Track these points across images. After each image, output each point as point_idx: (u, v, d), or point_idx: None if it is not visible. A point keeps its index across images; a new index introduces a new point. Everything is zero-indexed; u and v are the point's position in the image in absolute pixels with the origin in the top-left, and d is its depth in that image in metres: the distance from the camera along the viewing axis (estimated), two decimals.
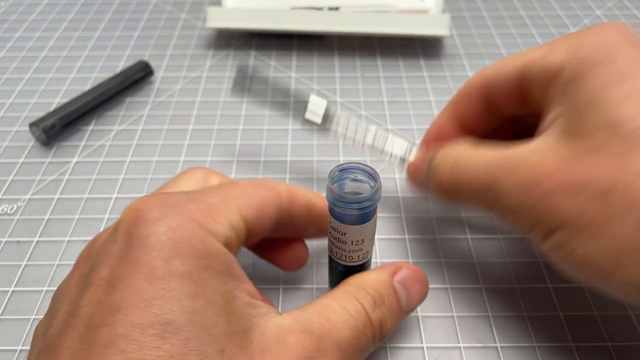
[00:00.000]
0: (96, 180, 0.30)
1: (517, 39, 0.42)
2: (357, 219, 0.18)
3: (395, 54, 0.40)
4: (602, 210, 0.15)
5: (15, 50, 0.41)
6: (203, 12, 0.46)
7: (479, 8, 0.46)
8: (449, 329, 0.23)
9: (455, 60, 0.39)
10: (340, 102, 0.35)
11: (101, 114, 0.35)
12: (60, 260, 0.26)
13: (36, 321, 0.23)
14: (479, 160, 0.19)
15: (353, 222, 0.18)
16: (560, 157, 0.17)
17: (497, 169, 0.18)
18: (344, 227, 0.19)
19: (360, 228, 0.18)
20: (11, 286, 0.25)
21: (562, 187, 0.16)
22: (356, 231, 0.19)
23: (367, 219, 0.18)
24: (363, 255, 0.20)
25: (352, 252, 0.20)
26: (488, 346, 0.22)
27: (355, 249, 0.19)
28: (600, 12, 0.44)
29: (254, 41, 0.42)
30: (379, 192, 0.18)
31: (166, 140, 0.33)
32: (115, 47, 0.41)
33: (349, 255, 0.20)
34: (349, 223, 0.18)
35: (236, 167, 0.31)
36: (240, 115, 0.34)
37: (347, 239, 0.19)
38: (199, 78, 0.38)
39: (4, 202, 0.29)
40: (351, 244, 0.19)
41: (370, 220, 0.19)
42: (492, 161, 0.19)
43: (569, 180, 0.16)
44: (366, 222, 0.18)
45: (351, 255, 0.20)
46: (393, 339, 0.22)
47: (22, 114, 0.35)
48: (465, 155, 0.20)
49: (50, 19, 0.45)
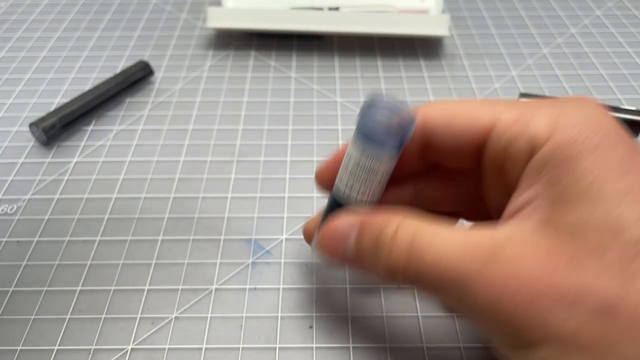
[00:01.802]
0: (96, 180, 0.30)
1: (517, 39, 0.42)
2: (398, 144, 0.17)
3: (395, 54, 0.40)
4: (604, 330, 0.13)
5: (15, 51, 0.41)
6: (203, 12, 0.46)
7: (479, 8, 0.46)
8: (449, 329, 0.23)
9: (455, 60, 0.39)
10: (340, 102, 0.35)
11: (101, 114, 0.35)
12: (60, 260, 0.26)
13: (36, 321, 0.23)
14: (442, 243, 0.15)
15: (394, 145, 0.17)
16: (546, 256, 0.14)
17: (464, 258, 0.15)
18: (379, 155, 0.17)
19: (389, 157, 0.18)
20: (11, 286, 0.25)
21: (552, 295, 0.13)
22: (385, 160, 0.17)
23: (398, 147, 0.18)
24: (372, 194, 0.19)
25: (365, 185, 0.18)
26: (488, 346, 0.22)
27: (378, 188, 0.18)
28: (600, 12, 0.44)
29: (254, 41, 0.42)
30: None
31: (166, 140, 0.33)
32: (115, 47, 0.41)
33: (361, 190, 0.18)
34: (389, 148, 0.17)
35: (236, 167, 0.31)
36: (240, 115, 0.34)
37: (382, 167, 0.18)
38: (199, 78, 0.38)
39: (4, 202, 0.29)
40: (369, 172, 0.18)
41: (399, 152, 0.18)
42: (458, 248, 0.15)
43: (560, 287, 0.13)
44: (397, 150, 0.18)
45: (363, 191, 0.18)
46: (393, 339, 0.22)
47: (22, 114, 0.35)
48: (425, 234, 0.16)
49: (50, 19, 0.45)
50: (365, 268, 0.18)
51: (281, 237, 0.27)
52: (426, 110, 0.18)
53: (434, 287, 0.16)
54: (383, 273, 0.17)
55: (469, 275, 0.15)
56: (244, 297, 0.24)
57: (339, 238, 0.18)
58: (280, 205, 0.28)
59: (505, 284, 0.14)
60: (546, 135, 0.15)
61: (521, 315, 0.14)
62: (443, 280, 0.15)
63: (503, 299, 0.14)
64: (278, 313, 0.23)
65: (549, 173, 0.15)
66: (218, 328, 0.23)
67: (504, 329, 0.14)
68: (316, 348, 0.22)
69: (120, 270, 0.25)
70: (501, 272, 0.14)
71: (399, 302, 0.24)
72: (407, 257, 0.16)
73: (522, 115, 0.16)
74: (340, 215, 0.19)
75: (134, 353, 0.22)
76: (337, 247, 0.18)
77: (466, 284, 0.15)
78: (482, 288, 0.14)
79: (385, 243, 0.17)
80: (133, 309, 0.24)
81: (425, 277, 0.16)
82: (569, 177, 0.14)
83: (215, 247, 0.26)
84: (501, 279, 0.14)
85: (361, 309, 0.23)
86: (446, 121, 0.18)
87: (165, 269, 0.25)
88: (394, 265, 0.16)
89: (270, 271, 0.25)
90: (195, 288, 0.24)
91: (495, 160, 0.17)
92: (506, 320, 0.14)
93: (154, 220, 0.28)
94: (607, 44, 0.41)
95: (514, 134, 0.16)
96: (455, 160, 0.18)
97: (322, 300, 0.24)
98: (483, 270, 0.14)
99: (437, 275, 0.15)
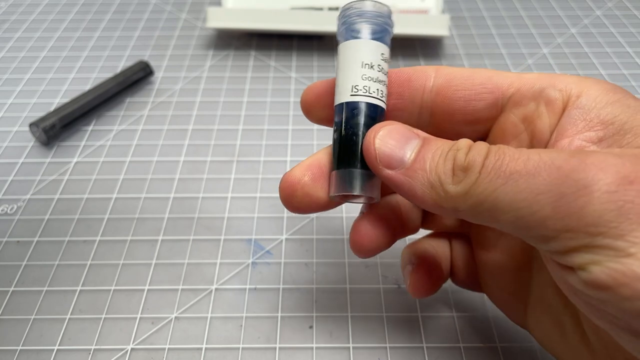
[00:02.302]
0: (96, 180, 0.30)
1: (517, 39, 0.42)
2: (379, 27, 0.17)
3: (395, 54, 0.40)
4: None
5: (15, 51, 0.41)
6: (203, 12, 0.46)
7: (479, 8, 0.46)
8: (449, 329, 0.23)
9: (455, 60, 0.39)
10: None
11: (101, 114, 0.35)
12: (60, 260, 0.26)
13: (36, 321, 0.23)
14: (532, 151, 0.14)
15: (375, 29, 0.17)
16: (633, 162, 0.13)
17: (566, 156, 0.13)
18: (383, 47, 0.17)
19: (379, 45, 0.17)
20: (11, 286, 0.25)
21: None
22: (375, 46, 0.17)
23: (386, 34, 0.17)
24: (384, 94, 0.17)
25: (379, 84, 0.17)
26: (488, 346, 0.22)
27: (382, 80, 0.17)
28: (600, 12, 0.44)
29: (254, 41, 0.42)
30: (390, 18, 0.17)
31: (166, 140, 0.33)
32: (115, 47, 0.41)
33: (377, 88, 0.17)
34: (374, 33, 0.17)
35: (236, 167, 0.31)
36: (240, 115, 0.34)
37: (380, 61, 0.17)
38: (199, 78, 0.38)
39: (4, 202, 0.29)
40: (377, 69, 0.17)
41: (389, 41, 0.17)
42: (554, 154, 0.14)
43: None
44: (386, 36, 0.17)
45: (379, 88, 0.17)
46: (393, 339, 0.22)
47: (22, 114, 0.35)
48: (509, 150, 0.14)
49: (51, 19, 0.45)
50: (418, 177, 0.15)
51: (281, 237, 0.27)
52: (442, 67, 0.18)
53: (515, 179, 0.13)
54: (447, 177, 0.15)
55: (560, 160, 0.13)
56: (244, 297, 0.24)
57: (397, 141, 0.16)
58: (280, 205, 0.28)
59: (602, 161, 0.13)
60: (579, 87, 0.16)
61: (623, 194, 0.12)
62: (527, 168, 0.13)
63: (601, 174, 0.13)
64: (278, 313, 0.23)
65: (600, 114, 0.15)
66: (218, 328, 0.23)
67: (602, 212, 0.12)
68: (316, 348, 0.22)
69: (120, 270, 0.25)
70: (597, 155, 0.13)
71: (399, 302, 0.24)
72: (487, 154, 0.14)
73: (546, 75, 0.17)
74: (390, 122, 0.17)
75: (134, 353, 0.22)
76: (392, 150, 0.16)
77: (558, 167, 0.13)
78: (578, 166, 0.13)
79: (461, 146, 0.15)
80: (133, 309, 0.24)
81: (506, 169, 0.14)
82: (625, 112, 0.15)
83: (215, 247, 0.26)
84: (598, 157, 0.13)
85: (361, 309, 0.23)
86: (465, 74, 0.17)
87: (165, 269, 0.25)
88: (472, 160, 0.14)
89: (270, 271, 0.25)
90: (195, 288, 0.24)
91: (521, 112, 0.17)
92: (606, 200, 0.12)
93: (154, 220, 0.28)
94: (607, 44, 0.41)
95: (546, 83, 0.16)
96: (463, 117, 0.18)
97: (322, 300, 0.24)
98: (577, 155, 0.13)
99: (520, 164, 0.13)
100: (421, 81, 0.18)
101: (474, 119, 0.18)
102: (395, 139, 0.16)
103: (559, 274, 0.14)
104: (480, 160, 0.14)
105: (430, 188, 0.15)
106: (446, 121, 0.18)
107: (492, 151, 0.14)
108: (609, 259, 0.12)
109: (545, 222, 0.13)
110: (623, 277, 0.12)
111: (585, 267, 0.13)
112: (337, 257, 0.26)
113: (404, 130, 0.16)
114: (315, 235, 0.27)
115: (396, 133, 0.16)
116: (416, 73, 0.18)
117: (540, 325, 0.19)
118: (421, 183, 0.15)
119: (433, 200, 0.15)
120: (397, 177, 0.16)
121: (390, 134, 0.16)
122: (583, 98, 0.16)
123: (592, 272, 0.12)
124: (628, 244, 0.12)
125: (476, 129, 0.18)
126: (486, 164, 0.14)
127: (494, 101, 0.17)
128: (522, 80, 0.17)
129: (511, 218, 0.14)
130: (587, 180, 0.13)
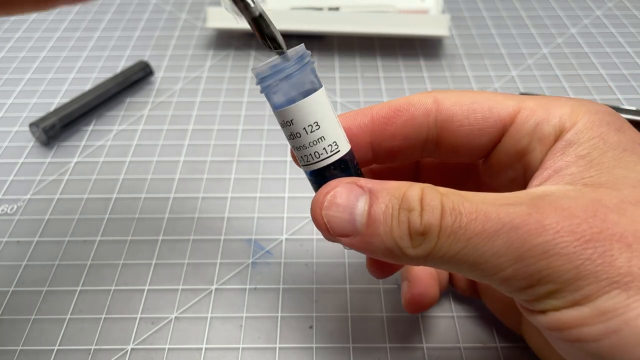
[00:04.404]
0: (96, 180, 0.30)
1: (517, 39, 0.42)
2: (291, 91, 0.16)
3: (395, 54, 0.40)
4: None
5: (15, 51, 0.41)
6: (203, 12, 0.46)
7: (478, 8, 0.46)
8: (449, 329, 0.23)
9: (455, 60, 0.39)
10: (340, 102, 0.35)
11: (101, 114, 0.35)
12: (60, 260, 0.26)
13: (36, 321, 0.23)
14: (479, 197, 0.14)
15: (288, 98, 0.16)
16: (591, 202, 0.14)
17: (509, 206, 0.14)
18: (287, 112, 0.16)
19: (303, 106, 0.16)
20: (11, 286, 0.25)
21: (610, 236, 0.13)
22: (301, 111, 0.16)
23: (304, 91, 0.16)
24: (330, 147, 0.17)
25: (315, 146, 0.16)
26: (488, 346, 0.22)
27: (316, 140, 0.16)
28: (600, 13, 0.44)
29: (254, 41, 0.42)
30: (302, 58, 0.16)
31: (166, 140, 0.33)
32: (115, 47, 0.41)
33: (313, 152, 0.16)
34: (287, 103, 0.16)
35: (236, 167, 0.31)
36: (240, 115, 0.34)
37: (298, 127, 0.16)
38: (199, 78, 0.38)
39: (4, 202, 0.29)
40: (306, 132, 0.16)
41: (310, 94, 0.16)
42: (499, 199, 0.14)
43: (615, 230, 0.13)
44: (306, 96, 0.16)
45: (316, 150, 0.16)
46: (393, 339, 0.22)
47: (22, 114, 0.35)
48: (453, 195, 0.15)
49: (51, 19, 0.45)
50: (375, 242, 0.15)
51: (281, 237, 0.27)
52: (441, 97, 0.18)
53: (475, 243, 0.14)
54: (405, 242, 0.15)
55: (518, 219, 0.13)
56: (244, 297, 0.24)
57: (343, 209, 0.15)
58: (280, 205, 0.28)
59: (558, 223, 0.13)
60: (572, 119, 0.16)
61: (580, 254, 0.13)
62: (485, 230, 0.14)
63: (558, 238, 0.13)
64: (278, 313, 0.23)
65: (577, 149, 0.16)
66: (218, 328, 0.23)
67: (561, 273, 0.13)
68: (316, 348, 0.22)
69: (120, 270, 0.25)
70: (554, 213, 0.13)
71: (399, 303, 0.24)
72: (442, 215, 0.14)
73: (544, 102, 0.17)
74: (330, 184, 0.16)
75: (134, 353, 0.22)
76: (342, 220, 0.15)
77: (516, 228, 0.13)
78: (535, 230, 0.13)
79: (413, 206, 0.15)
80: (133, 309, 0.24)
81: (464, 232, 0.14)
82: (599, 148, 0.15)
83: (215, 247, 0.26)
84: (554, 218, 0.13)
85: (361, 309, 0.23)
86: (466, 108, 0.17)
87: (165, 269, 0.25)
88: (428, 224, 0.14)
89: (270, 271, 0.25)
90: (195, 288, 0.24)
91: (516, 145, 0.17)
92: (564, 261, 0.13)
93: (154, 220, 0.28)
94: (607, 44, 0.41)
95: (541, 118, 0.17)
96: (468, 151, 0.18)
97: (322, 300, 0.24)
98: (533, 214, 0.13)
99: (479, 226, 0.14)
100: (423, 119, 0.18)
101: (478, 150, 0.18)
102: (342, 205, 0.16)
103: (525, 312, 0.15)
104: (437, 224, 0.14)
105: (389, 252, 0.15)
106: (451, 152, 0.19)
107: (447, 211, 0.14)
108: (565, 305, 0.13)
109: (508, 281, 0.14)
110: (574, 322, 0.13)
111: (546, 312, 0.14)
112: (337, 257, 0.26)
113: (347, 190, 0.16)
114: (315, 235, 0.27)
115: (339, 197, 0.16)
116: (417, 110, 0.18)
117: (533, 335, 0.20)
118: (379, 248, 0.15)
119: (396, 260, 0.15)
120: (355, 244, 0.16)
121: (334, 201, 0.16)
122: (571, 132, 0.16)
123: (552, 316, 0.14)
124: (582, 296, 0.13)
125: (478, 155, 0.19)
126: (443, 227, 0.14)
127: (496, 134, 0.18)
128: (521, 110, 0.17)
129: (475, 275, 0.15)
130: (545, 245, 0.13)
